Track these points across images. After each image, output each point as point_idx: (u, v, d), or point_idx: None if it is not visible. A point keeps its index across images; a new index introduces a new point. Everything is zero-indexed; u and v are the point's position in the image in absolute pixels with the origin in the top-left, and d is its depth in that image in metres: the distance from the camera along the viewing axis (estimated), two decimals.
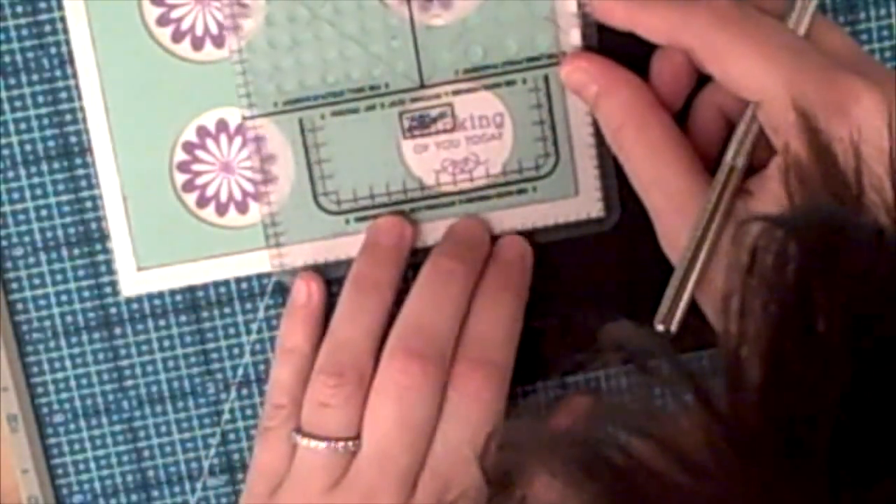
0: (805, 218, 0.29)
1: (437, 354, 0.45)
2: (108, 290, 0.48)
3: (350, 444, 0.45)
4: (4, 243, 0.47)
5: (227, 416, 0.49)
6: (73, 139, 0.47)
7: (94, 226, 0.47)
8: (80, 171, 0.47)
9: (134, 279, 0.47)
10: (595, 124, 0.46)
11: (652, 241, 0.45)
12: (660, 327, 0.43)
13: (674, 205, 0.43)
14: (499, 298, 0.46)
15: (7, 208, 0.47)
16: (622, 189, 0.46)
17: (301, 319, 0.47)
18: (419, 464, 0.45)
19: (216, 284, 0.48)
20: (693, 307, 0.43)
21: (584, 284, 0.48)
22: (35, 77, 0.46)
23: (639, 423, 0.27)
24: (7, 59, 0.46)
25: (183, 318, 0.48)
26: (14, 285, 0.48)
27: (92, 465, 0.49)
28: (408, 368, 0.44)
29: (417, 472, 0.44)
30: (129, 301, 0.48)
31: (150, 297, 0.48)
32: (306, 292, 0.47)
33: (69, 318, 0.48)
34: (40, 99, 0.46)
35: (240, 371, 0.49)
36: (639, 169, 0.44)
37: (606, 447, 0.26)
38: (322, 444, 0.45)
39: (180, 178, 0.47)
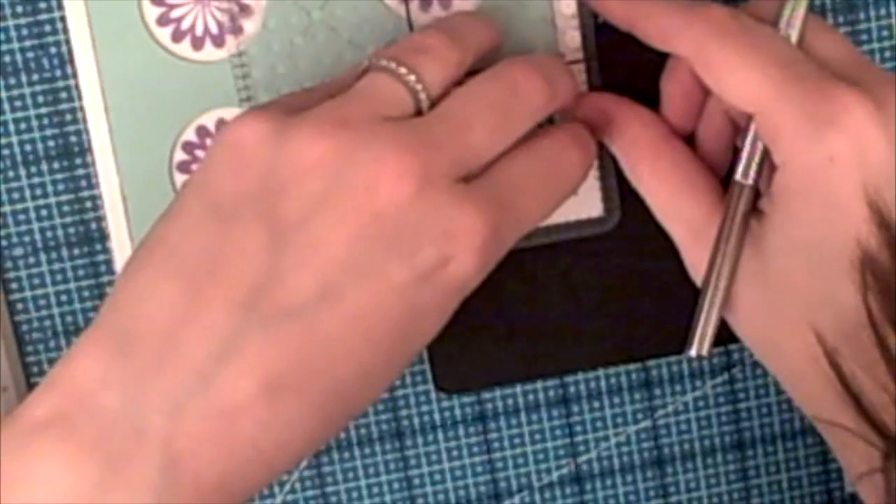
0: None
1: (561, 93, 0.42)
2: (108, 290, 0.48)
3: (425, 97, 0.40)
4: (4, 243, 0.47)
5: None
6: (73, 139, 0.47)
7: (94, 226, 0.47)
8: (80, 171, 0.47)
9: None
10: None
11: (652, 241, 0.45)
12: (692, 352, 0.43)
13: (694, 233, 0.44)
14: None
15: (7, 208, 0.47)
16: (622, 189, 0.46)
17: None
18: (482, 161, 0.40)
19: None
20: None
21: (585, 285, 0.48)
22: (35, 77, 0.46)
23: None
24: (7, 59, 0.46)
25: None
26: (14, 285, 0.48)
27: None
28: (534, 80, 0.41)
29: (473, 174, 0.40)
30: None
31: None
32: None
33: (69, 318, 0.48)
34: (40, 99, 0.46)
35: None
36: (658, 202, 0.44)
37: None
38: (404, 70, 0.40)
39: (180, 178, 0.47)
